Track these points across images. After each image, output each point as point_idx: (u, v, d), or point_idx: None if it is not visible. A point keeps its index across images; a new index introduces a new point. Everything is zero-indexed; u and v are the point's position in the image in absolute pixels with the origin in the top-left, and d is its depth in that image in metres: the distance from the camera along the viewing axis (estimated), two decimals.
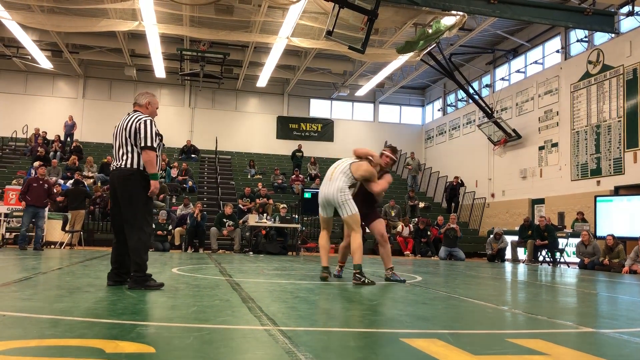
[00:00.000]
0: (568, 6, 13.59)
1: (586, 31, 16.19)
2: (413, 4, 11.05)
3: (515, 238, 15.57)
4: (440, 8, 12.00)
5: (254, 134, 26.13)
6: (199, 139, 24.61)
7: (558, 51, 18.08)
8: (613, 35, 15.24)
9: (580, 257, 13.24)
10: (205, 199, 19.02)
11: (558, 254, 14.45)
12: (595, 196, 14.82)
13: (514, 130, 19.36)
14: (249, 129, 26.15)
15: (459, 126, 24.15)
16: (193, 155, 23.17)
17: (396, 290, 5.75)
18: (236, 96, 26.24)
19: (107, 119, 22.25)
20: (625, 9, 14.52)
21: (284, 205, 16.37)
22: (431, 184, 24.06)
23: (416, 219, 18.11)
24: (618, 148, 15.23)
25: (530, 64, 19.70)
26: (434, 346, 2.77)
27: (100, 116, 23.95)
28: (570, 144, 17.02)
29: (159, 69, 22.27)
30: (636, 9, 14.22)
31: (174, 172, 19.87)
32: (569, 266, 14.05)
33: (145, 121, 4.96)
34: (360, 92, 25.39)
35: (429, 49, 17.07)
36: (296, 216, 16.51)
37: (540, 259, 14.66)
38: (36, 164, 16.95)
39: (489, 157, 21.34)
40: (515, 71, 20.52)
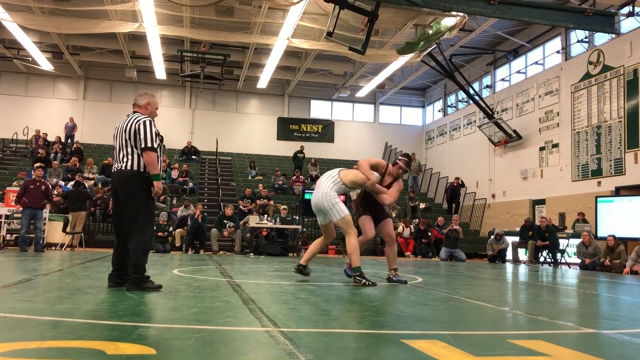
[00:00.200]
0: (568, 7, 13.60)
1: (586, 32, 16.19)
2: (413, 4, 11.05)
3: (516, 239, 15.55)
4: (441, 9, 12.00)
5: (255, 135, 26.14)
6: (200, 140, 24.61)
7: (558, 52, 18.07)
8: (613, 35, 15.24)
9: (581, 258, 13.23)
10: (205, 200, 19.02)
11: (559, 255, 14.44)
12: (596, 197, 14.81)
13: (515, 131, 19.35)
14: (249, 130, 26.17)
15: (459, 127, 24.15)
16: (194, 157, 23.18)
17: (397, 291, 5.75)
18: (237, 97, 26.25)
19: (108, 120, 22.26)
20: (625, 10, 14.52)
21: (285, 206, 16.36)
22: (432, 185, 24.05)
23: (417, 219, 18.10)
24: (619, 148, 15.22)
25: (531, 64, 19.70)
26: (435, 347, 2.77)
27: (101, 118, 23.98)
28: (570, 144, 17.02)
29: (160, 71, 22.29)
30: (636, 9, 14.21)
31: (174, 174, 19.87)
32: (570, 267, 14.04)
33: (145, 122, 4.93)
34: (361, 93, 25.39)
35: (429, 49, 17.07)
36: (297, 217, 16.52)
37: (541, 259, 14.65)
38: (36, 165, 16.95)
39: (490, 158, 21.33)
40: (516, 72, 20.52)
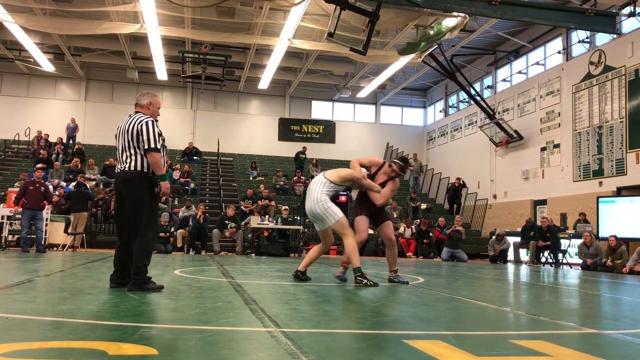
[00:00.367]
0: (569, 7, 13.59)
1: (588, 32, 16.18)
2: (414, 5, 11.05)
3: (517, 239, 15.54)
4: (442, 9, 12.00)
5: (256, 136, 26.15)
6: (201, 141, 24.63)
7: (559, 52, 18.06)
8: (615, 36, 15.22)
9: (582, 258, 13.22)
10: (207, 201, 19.04)
11: (560, 255, 14.43)
12: (598, 197, 14.79)
13: (516, 132, 19.34)
14: (250, 131, 26.18)
15: (460, 127, 24.14)
16: (195, 158, 23.19)
17: (398, 291, 5.75)
18: (238, 98, 26.27)
19: (109, 121, 22.29)
20: (626, 10, 14.50)
21: (286, 207, 16.37)
22: (433, 185, 24.04)
23: (418, 220, 18.10)
24: (620, 149, 15.20)
25: (532, 65, 19.68)
26: (436, 347, 2.77)
27: (103, 119, 24.00)
28: (572, 144, 17.00)
29: (161, 72, 22.32)
30: (637, 9, 14.19)
31: (176, 174, 19.89)
32: (571, 267, 14.03)
33: (147, 122, 4.90)
34: (362, 94, 25.39)
35: (430, 50, 17.06)
36: (298, 218, 16.52)
37: (543, 260, 14.64)
38: (37, 166, 16.98)
39: (491, 158, 21.32)
40: (517, 72, 20.51)
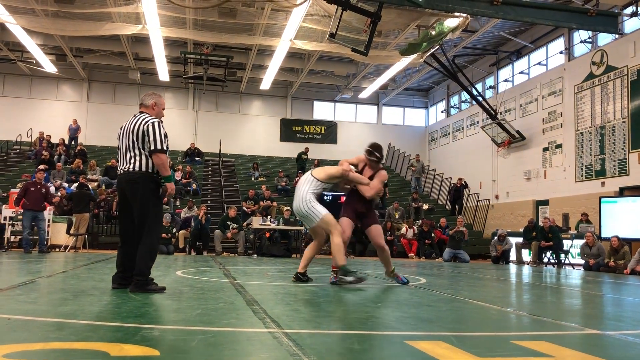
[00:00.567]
0: (571, 7, 13.57)
1: (590, 32, 16.16)
2: (416, 5, 11.05)
3: (519, 240, 15.51)
4: (443, 10, 12.00)
5: (258, 137, 26.17)
6: (203, 142, 24.65)
7: (562, 52, 18.04)
8: (617, 36, 15.20)
9: (585, 259, 13.19)
10: (209, 202, 19.04)
11: (563, 256, 14.41)
12: (600, 197, 14.76)
13: (518, 132, 19.32)
14: (252, 132, 26.20)
15: (462, 128, 24.12)
16: (197, 158, 23.21)
17: (400, 292, 5.74)
18: (240, 99, 26.29)
19: (111, 122, 22.31)
20: (629, 10, 14.49)
21: (288, 207, 16.36)
22: (435, 186, 24.01)
23: (420, 220, 18.07)
24: (622, 149, 15.18)
25: (534, 65, 19.66)
26: (438, 348, 2.77)
27: (105, 119, 24.04)
28: (574, 145, 16.98)
29: (163, 73, 22.35)
30: None
31: (178, 175, 19.88)
32: (573, 268, 14.00)
33: (154, 123, 4.87)
34: (364, 94, 25.40)
35: (432, 50, 17.06)
36: None
37: (545, 260, 14.61)
38: (40, 167, 17.01)
39: (493, 159, 21.29)
40: (519, 72, 20.49)
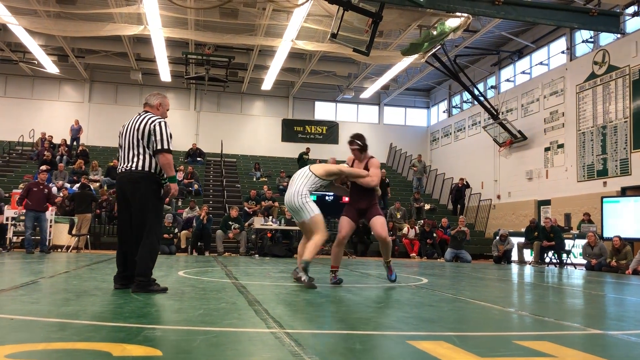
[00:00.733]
0: (573, 7, 13.56)
1: (592, 32, 16.14)
2: (417, 5, 11.04)
3: (521, 240, 15.50)
4: (445, 10, 12.00)
5: (259, 137, 26.18)
6: (205, 142, 24.67)
7: (563, 52, 18.02)
8: (619, 35, 15.18)
9: (586, 259, 13.17)
10: (211, 202, 19.05)
11: (565, 256, 14.39)
12: (602, 197, 14.74)
13: (520, 132, 19.30)
14: (254, 132, 26.21)
15: (464, 128, 24.11)
16: (199, 159, 23.22)
17: (402, 292, 5.74)
18: (241, 99, 26.30)
19: (113, 122, 22.33)
20: (630, 9, 14.47)
21: None
22: (437, 186, 24.00)
23: (422, 221, 18.07)
24: (624, 149, 15.15)
25: (536, 65, 19.65)
26: (440, 348, 2.77)
27: (106, 120, 24.07)
28: (576, 145, 16.96)
29: (165, 73, 22.37)
30: None
31: (179, 176, 19.90)
32: (575, 267, 13.98)
33: (160, 123, 4.86)
34: (365, 95, 25.40)
35: (433, 50, 17.05)
36: None
37: (547, 260, 14.60)
38: (42, 167, 17.03)
39: (495, 159, 21.28)
40: (521, 72, 20.47)
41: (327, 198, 15.76)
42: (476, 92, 20.12)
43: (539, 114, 18.94)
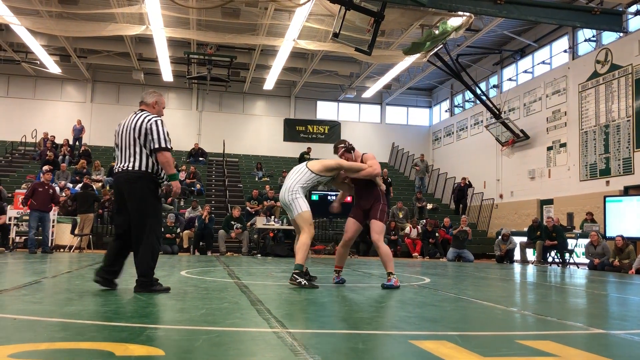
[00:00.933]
0: (575, 6, 13.52)
1: (594, 30, 16.10)
2: (419, 5, 11.03)
3: (523, 239, 15.48)
4: (447, 9, 11.97)
5: (261, 137, 26.18)
6: (207, 142, 24.68)
7: (566, 51, 17.99)
8: (621, 34, 15.15)
9: (589, 258, 13.15)
10: (213, 202, 19.07)
11: (567, 255, 14.37)
12: (605, 196, 14.72)
13: (522, 131, 19.28)
14: (256, 132, 26.22)
15: (466, 127, 24.08)
16: (201, 159, 23.24)
17: (404, 292, 5.74)
18: (243, 99, 26.31)
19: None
20: (633, 8, 14.44)
21: None
22: (439, 186, 23.99)
23: (424, 220, 18.06)
24: (627, 148, 15.12)
25: (538, 64, 19.62)
26: (443, 348, 2.77)
27: (109, 120, 24.06)
28: (578, 144, 16.93)
29: (167, 73, 22.38)
30: None
31: (182, 175, 19.92)
32: (578, 267, 13.96)
33: (156, 121, 4.83)
34: (367, 94, 25.38)
35: (435, 50, 17.02)
36: None
37: (550, 260, 14.58)
38: (45, 168, 17.06)
39: (497, 158, 21.25)
40: (523, 71, 20.44)
41: (329, 197, 15.77)
42: (478, 92, 20.10)
43: (541, 113, 18.91)
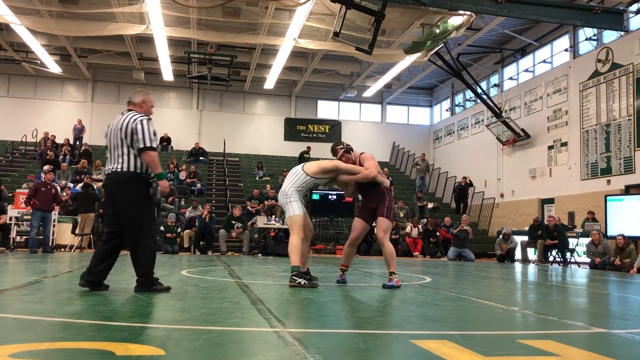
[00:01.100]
0: (576, 4, 13.51)
1: (595, 29, 16.09)
2: (420, 4, 11.02)
3: (524, 238, 15.48)
4: (448, 8, 11.97)
5: (262, 136, 26.18)
6: (207, 142, 24.68)
7: (567, 50, 17.97)
8: (622, 33, 15.13)
9: (590, 257, 13.14)
10: (213, 201, 19.07)
11: (568, 254, 14.36)
12: (606, 195, 14.70)
13: (523, 130, 19.26)
14: (256, 131, 26.21)
15: (467, 126, 24.07)
16: (201, 158, 23.25)
17: (405, 291, 5.73)
18: (244, 98, 26.31)
19: None
20: (634, 7, 14.43)
21: None
22: (440, 185, 23.98)
23: (425, 219, 18.06)
24: (628, 147, 15.11)
25: (539, 63, 19.60)
26: (444, 347, 2.76)
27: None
28: (579, 143, 16.91)
29: (167, 72, 22.38)
30: None
31: (182, 175, 19.93)
32: (579, 266, 13.95)
33: (142, 121, 4.80)
34: (368, 93, 25.37)
35: (436, 49, 17.01)
36: None
37: (551, 259, 14.57)
38: (46, 167, 17.07)
39: (498, 157, 21.24)
40: (524, 70, 20.42)
41: (330, 197, 15.77)
42: (479, 91, 20.08)
43: (542, 112, 18.89)
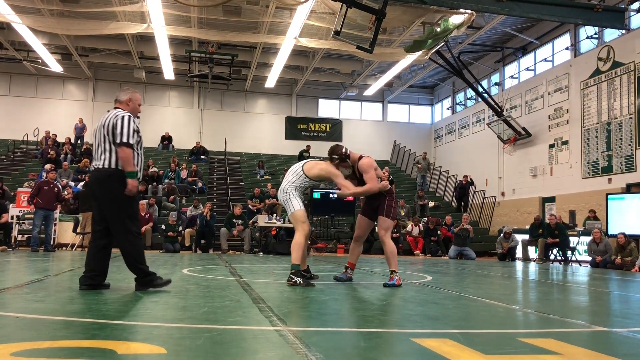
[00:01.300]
0: (577, 3, 13.49)
1: (596, 28, 16.07)
2: (421, 2, 11.02)
3: (525, 237, 15.47)
4: (449, 6, 11.97)
5: (263, 135, 26.18)
6: (208, 141, 24.69)
7: (568, 48, 17.95)
8: (623, 31, 15.11)
9: (592, 256, 13.14)
10: (215, 200, 19.07)
11: (569, 253, 14.35)
12: (607, 194, 14.68)
13: (524, 129, 19.25)
14: (257, 130, 26.22)
15: (468, 125, 24.05)
16: (202, 157, 23.25)
17: (406, 290, 5.73)
18: (245, 97, 26.31)
19: None
20: (635, 5, 14.41)
21: None
22: (441, 183, 23.96)
23: (426, 218, 18.05)
24: (629, 145, 15.09)
25: (540, 61, 19.58)
26: (445, 346, 2.76)
27: None
28: (580, 141, 16.90)
29: (168, 71, 22.38)
30: None
31: (183, 174, 19.94)
32: (580, 265, 13.95)
33: (123, 117, 4.76)
34: (369, 92, 25.36)
35: (437, 47, 17.01)
36: None
37: (552, 257, 14.56)
38: (47, 166, 17.08)
39: (499, 156, 21.23)
40: (525, 69, 20.41)
41: (331, 196, 15.78)
42: (480, 89, 20.07)
43: (543, 111, 18.88)
